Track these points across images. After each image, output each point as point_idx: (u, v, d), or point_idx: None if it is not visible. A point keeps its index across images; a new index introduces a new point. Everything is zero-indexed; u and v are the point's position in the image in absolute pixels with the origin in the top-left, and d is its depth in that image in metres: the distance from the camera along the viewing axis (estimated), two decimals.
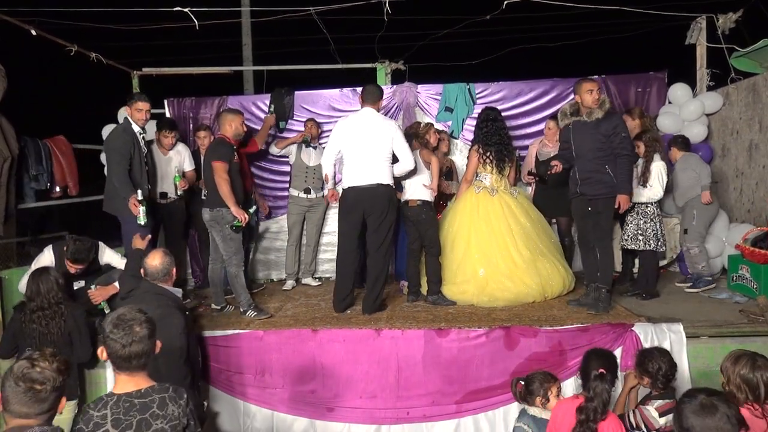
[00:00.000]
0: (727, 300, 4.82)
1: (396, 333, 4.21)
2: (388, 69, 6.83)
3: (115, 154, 4.58)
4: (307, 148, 5.86)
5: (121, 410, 2.02)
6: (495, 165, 5.01)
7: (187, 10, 5.50)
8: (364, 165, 4.62)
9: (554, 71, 6.45)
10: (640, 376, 3.25)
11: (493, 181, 5.06)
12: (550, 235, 5.25)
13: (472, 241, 4.97)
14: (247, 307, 4.68)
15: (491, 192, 5.04)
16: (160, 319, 2.71)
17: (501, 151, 5.00)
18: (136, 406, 2.05)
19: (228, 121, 4.79)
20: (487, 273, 4.86)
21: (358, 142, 4.63)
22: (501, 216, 4.95)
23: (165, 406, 2.09)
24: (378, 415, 4.16)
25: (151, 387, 2.15)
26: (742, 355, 2.62)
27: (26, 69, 9.61)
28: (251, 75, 9.77)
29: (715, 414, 2.01)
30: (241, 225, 4.61)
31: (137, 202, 4.44)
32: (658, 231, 4.89)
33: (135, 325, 2.14)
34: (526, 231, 4.96)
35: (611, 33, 9.09)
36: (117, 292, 4.33)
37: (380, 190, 4.61)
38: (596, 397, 2.65)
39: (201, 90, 6.84)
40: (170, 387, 2.18)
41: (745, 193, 5.72)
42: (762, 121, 5.47)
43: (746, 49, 5.74)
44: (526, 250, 4.87)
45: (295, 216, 5.92)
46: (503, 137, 5.04)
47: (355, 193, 4.63)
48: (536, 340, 4.12)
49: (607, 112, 4.49)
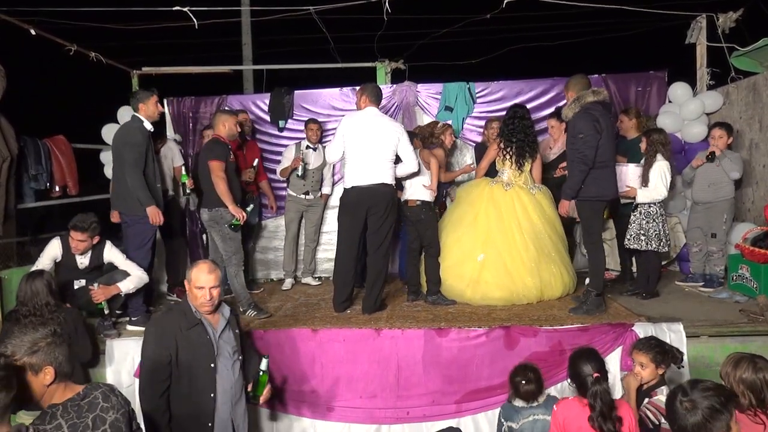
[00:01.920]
0: (727, 299, 4.82)
1: (396, 333, 4.21)
2: (388, 68, 6.82)
3: (133, 152, 4.46)
4: (307, 150, 5.84)
5: (72, 415, 2.02)
6: (514, 161, 4.98)
7: (187, 10, 5.50)
8: (368, 165, 4.60)
9: (554, 70, 6.44)
10: (656, 366, 3.13)
11: (510, 176, 5.03)
12: (561, 237, 5.12)
13: (479, 225, 4.92)
14: (247, 306, 4.69)
15: (506, 186, 5.00)
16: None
17: (522, 148, 4.97)
18: (84, 407, 2.05)
19: (222, 122, 4.78)
20: (486, 260, 4.83)
21: (364, 141, 4.59)
22: (512, 210, 4.90)
23: (108, 398, 2.10)
24: (378, 414, 4.16)
25: (89, 386, 2.15)
26: (742, 358, 2.58)
27: (26, 69, 9.59)
28: (251, 74, 9.78)
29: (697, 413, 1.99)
30: (239, 223, 4.62)
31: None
32: (661, 231, 4.87)
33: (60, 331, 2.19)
34: (536, 230, 4.89)
35: (611, 32, 9.10)
36: (119, 292, 4.36)
37: (383, 190, 4.60)
38: (597, 401, 2.70)
39: (201, 89, 6.84)
40: (100, 383, 2.20)
41: (745, 192, 5.72)
42: (762, 120, 5.46)
43: (746, 48, 5.73)
44: (532, 249, 4.82)
45: (292, 214, 5.93)
46: (528, 135, 5.00)
47: (358, 193, 4.61)
48: (536, 340, 4.11)
49: (576, 112, 4.36)
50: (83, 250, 4.41)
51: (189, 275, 3.08)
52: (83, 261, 4.48)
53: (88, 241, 4.37)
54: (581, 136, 4.24)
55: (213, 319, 3.16)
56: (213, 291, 3.05)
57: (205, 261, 3.19)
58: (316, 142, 5.91)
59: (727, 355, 2.73)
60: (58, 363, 2.09)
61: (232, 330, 3.24)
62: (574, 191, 4.37)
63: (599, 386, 2.72)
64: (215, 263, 3.22)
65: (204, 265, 3.10)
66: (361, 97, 4.74)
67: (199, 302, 3.05)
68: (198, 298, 3.04)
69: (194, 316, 3.07)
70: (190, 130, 6.50)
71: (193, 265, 3.14)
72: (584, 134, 4.23)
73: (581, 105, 4.33)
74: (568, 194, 4.42)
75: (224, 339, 3.16)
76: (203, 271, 3.04)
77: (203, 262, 3.14)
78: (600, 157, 4.29)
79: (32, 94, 11.09)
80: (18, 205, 5.24)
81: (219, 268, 3.18)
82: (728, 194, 5.06)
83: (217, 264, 3.26)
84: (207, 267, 3.08)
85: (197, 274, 3.04)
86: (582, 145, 4.24)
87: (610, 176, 4.41)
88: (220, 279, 3.11)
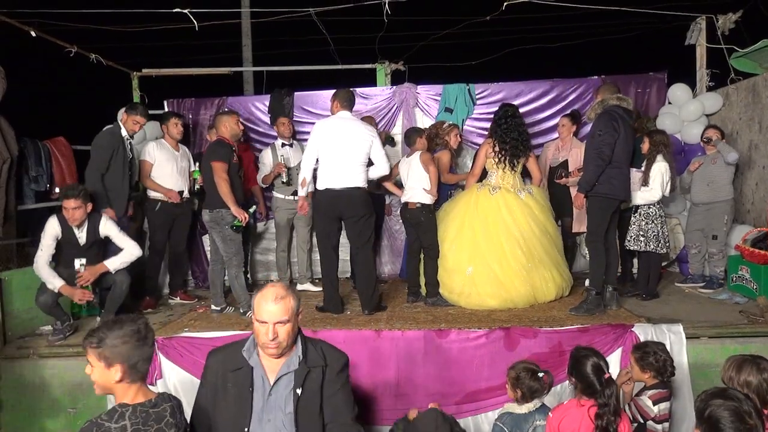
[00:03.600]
0: (727, 300, 4.82)
1: (396, 334, 4.21)
2: (388, 69, 6.83)
3: (96, 154, 4.78)
4: (283, 148, 5.76)
5: (139, 420, 2.00)
6: (507, 162, 4.93)
7: (187, 12, 5.50)
8: (341, 168, 4.61)
9: (554, 72, 6.46)
10: (642, 371, 3.19)
11: (498, 178, 4.99)
12: (553, 238, 5.07)
13: (464, 237, 4.91)
14: (247, 308, 4.69)
15: (492, 191, 4.96)
16: None
17: (516, 147, 4.93)
18: (152, 416, 2.03)
19: (223, 123, 4.79)
20: (475, 272, 4.81)
21: (337, 145, 4.60)
22: (498, 216, 4.86)
23: (175, 415, 2.09)
24: (378, 416, 4.16)
25: (160, 396, 2.13)
26: (744, 360, 2.54)
27: (26, 70, 9.59)
28: (251, 76, 9.79)
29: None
30: (242, 225, 4.62)
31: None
32: (660, 232, 4.88)
33: (145, 331, 2.14)
34: (525, 234, 4.84)
35: (611, 33, 9.11)
36: (106, 270, 4.38)
37: (356, 194, 4.63)
38: (610, 401, 2.67)
39: (201, 91, 6.84)
40: (170, 395, 2.18)
41: (745, 193, 5.72)
42: (762, 121, 5.46)
43: (746, 49, 5.74)
44: (521, 255, 4.78)
45: (282, 220, 5.81)
46: (521, 134, 4.97)
47: (331, 195, 4.62)
48: (536, 341, 4.11)
49: (599, 114, 4.49)
50: (80, 219, 4.37)
51: (253, 301, 2.31)
52: (81, 235, 4.48)
53: (82, 207, 4.34)
54: (599, 133, 4.39)
55: (273, 364, 2.31)
56: (280, 329, 2.21)
57: (274, 284, 2.31)
58: (290, 137, 5.85)
59: (727, 358, 2.69)
60: (132, 363, 2.05)
61: (296, 388, 2.28)
62: (590, 185, 4.46)
63: (610, 387, 2.70)
64: (289, 288, 2.33)
65: (270, 291, 2.25)
66: (334, 102, 4.79)
67: (260, 342, 2.25)
68: (259, 336, 2.23)
69: (242, 355, 2.32)
70: (190, 131, 6.51)
71: (257, 290, 2.32)
72: (602, 132, 4.37)
73: (603, 107, 4.49)
74: (583, 187, 4.50)
75: (277, 397, 2.27)
76: (267, 299, 2.22)
77: (271, 287, 2.28)
78: (614, 157, 4.39)
79: (32, 96, 11.10)
80: (18, 207, 5.25)
81: (294, 295, 2.31)
82: (728, 195, 5.07)
83: (291, 289, 2.36)
84: (273, 293, 2.23)
85: (259, 302, 2.24)
86: (599, 142, 4.37)
87: (622, 177, 4.48)
88: (294, 310, 2.27)
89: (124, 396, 2.08)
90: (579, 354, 2.91)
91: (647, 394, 3.13)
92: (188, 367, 4.18)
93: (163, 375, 4.18)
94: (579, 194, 4.59)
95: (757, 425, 1.91)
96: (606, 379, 2.74)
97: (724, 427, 1.89)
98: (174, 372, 4.18)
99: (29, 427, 4.22)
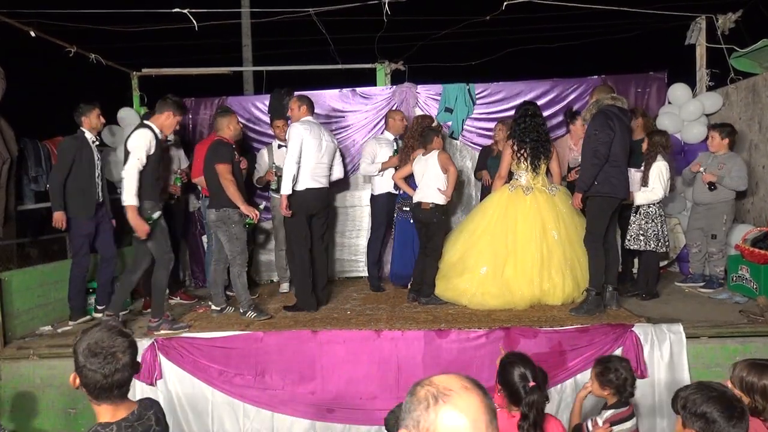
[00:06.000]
0: (727, 300, 4.82)
1: (396, 334, 4.21)
2: (388, 69, 6.83)
3: (59, 157, 4.90)
4: (279, 150, 5.73)
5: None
6: (529, 162, 4.88)
7: (187, 11, 5.50)
8: (318, 169, 4.92)
9: (554, 71, 6.46)
10: (601, 387, 2.99)
11: (528, 179, 4.93)
12: (576, 240, 4.84)
13: (485, 238, 4.87)
14: (248, 307, 4.69)
15: (525, 191, 4.90)
16: None
17: (537, 148, 4.87)
18: (138, 428, 1.94)
19: (225, 124, 4.82)
20: (488, 272, 4.80)
21: (316, 147, 4.87)
22: (530, 218, 4.80)
23: (160, 422, 2.03)
24: (378, 416, 4.14)
25: (141, 404, 2.02)
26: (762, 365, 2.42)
27: (25, 70, 9.61)
28: (251, 75, 9.79)
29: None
30: (254, 222, 4.69)
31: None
32: (659, 231, 4.88)
33: (117, 352, 1.87)
34: (550, 239, 4.77)
35: (611, 33, 9.10)
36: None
37: (327, 193, 5.10)
38: (532, 411, 2.50)
39: (201, 91, 6.85)
40: (150, 400, 2.09)
41: (745, 193, 5.71)
42: (761, 121, 5.46)
43: (746, 49, 5.73)
44: (537, 259, 4.73)
45: (278, 220, 5.77)
46: (541, 133, 4.91)
47: (311, 195, 4.87)
48: (536, 341, 4.11)
49: (594, 114, 4.51)
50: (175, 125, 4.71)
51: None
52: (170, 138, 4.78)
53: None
54: (595, 132, 4.41)
55: None
56: None
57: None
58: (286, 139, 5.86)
59: (739, 361, 2.57)
60: (93, 382, 1.84)
61: None
62: (587, 185, 4.48)
63: (535, 395, 2.52)
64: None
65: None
66: (301, 106, 4.97)
67: None
68: None
69: None
70: (190, 131, 6.51)
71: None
72: (598, 131, 4.39)
73: (598, 107, 4.51)
74: (581, 187, 4.53)
75: None
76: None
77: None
78: (612, 156, 4.40)
79: (32, 96, 11.10)
80: (18, 207, 5.25)
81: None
82: (728, 195, 5.07)
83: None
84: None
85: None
86: (595, 141, 4.39)
87: (621, 176, 4.48)
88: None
89: (101, 416, 1.92)
90: (507, 360, 2.71)
91: (604, 415, 2.95)
92: (188, 368, 4.19)
93: (163, 375, 4.18)
94: (577, 194, 4.60)
95: (744, 408, 1.99)
96: (530, 387, 2.55)
97: (717, 418, 1.94)
98: (174, 372, 4.19)
99: (29, 427, 4.22)
